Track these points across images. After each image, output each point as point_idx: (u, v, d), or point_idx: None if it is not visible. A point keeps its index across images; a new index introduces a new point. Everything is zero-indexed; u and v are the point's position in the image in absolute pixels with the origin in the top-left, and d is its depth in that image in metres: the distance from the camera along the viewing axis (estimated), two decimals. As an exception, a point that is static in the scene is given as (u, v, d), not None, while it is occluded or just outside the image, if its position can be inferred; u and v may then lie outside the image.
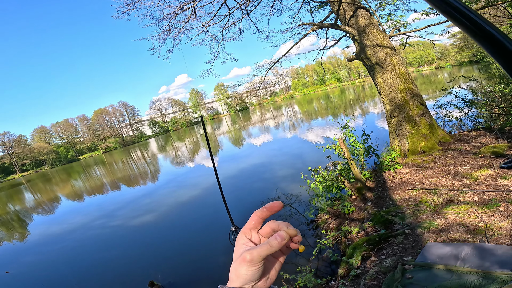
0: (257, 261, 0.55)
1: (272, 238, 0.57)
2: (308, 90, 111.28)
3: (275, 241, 0.56)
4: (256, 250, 0.55)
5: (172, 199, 13.02)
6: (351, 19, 8.27)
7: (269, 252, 0.55)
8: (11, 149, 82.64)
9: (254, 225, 0.62)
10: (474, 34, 0.47)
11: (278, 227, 0.60)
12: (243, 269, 0.55)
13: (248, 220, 0.62)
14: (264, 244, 0.56)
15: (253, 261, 0.54)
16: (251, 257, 0.54)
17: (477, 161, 5.72)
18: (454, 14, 0.48)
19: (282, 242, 0.56)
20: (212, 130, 61.18)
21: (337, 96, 63.26)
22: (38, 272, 8.37)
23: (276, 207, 0.60)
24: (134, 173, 27.17)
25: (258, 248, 0.56)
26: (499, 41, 0.46)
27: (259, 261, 0.55)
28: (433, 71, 72.52)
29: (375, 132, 8.03)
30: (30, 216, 18.68)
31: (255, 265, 0.55)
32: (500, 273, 2.58)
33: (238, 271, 0.55)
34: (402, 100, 7.65)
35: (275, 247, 0.56)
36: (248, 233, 0.61)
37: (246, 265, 0.55)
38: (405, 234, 4.22)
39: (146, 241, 8.85)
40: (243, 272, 0.55)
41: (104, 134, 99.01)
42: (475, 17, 0.46)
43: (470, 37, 0.48)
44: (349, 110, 31.25)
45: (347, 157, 6.22)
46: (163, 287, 5.92)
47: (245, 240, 0.60)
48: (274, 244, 0.56)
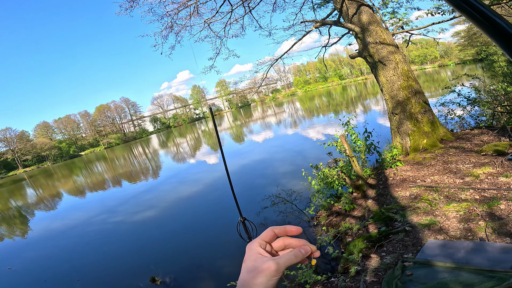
0: (282, 270, 0.58)
1: (296, 250, 0.62)
2: (310, 87, 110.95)
3: (300, 253, 0.61)
4: (282, 260, 0.59)
5: (173, 195, 13.07)
6: (354, 17, 8.23)
7: (293, 263, 0.60)
8: (13, 145, 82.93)
9: (270, 239, 0.66)
10: (485, 27, 0.49)
11: (294, 243, 0.65)
12: (264, 279, 0.56)
13: (263, 232, 0.66)
14: (289, 255, 0.60)
15: (279, 270, 0.57)
16: (278, 267, 0.57)
17: (479, 159, 5.71)
18: (467, 8, 0.49)
19: (305, 254, 0.62)
20: (213, 126, 61.16)
21: (339, 93, 63.07)
22: (40, 268, 8.42)
23: (294, 232, 0.66)
24: (136, 169, 27.27)
25: (283, 258, 0.59)
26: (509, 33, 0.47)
27: (283, 270, 0.58)
28: (436, 69, 72.12)
29: (376, 130, 8.03)
30: (32, 212, 18.79)
31: (279, 274, 0.57)
32: (499, 271, 2.59)
33: (255, 280, 0.56)
34: (404, 98, 7.63)
35: (299, 258, 0.61)
36: (263, 244, 0.65)
37: (270, 274, 0.56)
38: (405, 232, 4.23)
39: (147, 237, 8.90)
40: (263, 281, 0.56)
41: (106, 130, 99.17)
42: (487, 11, 0.48)
43: (481, 30, 0.50)
44: (351, 107, 31.17)
45: (349, 154, 6.23)
46: (164, 282, 5.96)
47: (261, 250, 0.62)
48: (299, 256, 0.61)
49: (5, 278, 8.27)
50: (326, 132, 18.45)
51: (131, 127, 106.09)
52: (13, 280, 8.03)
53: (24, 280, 7.87)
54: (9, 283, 7.92)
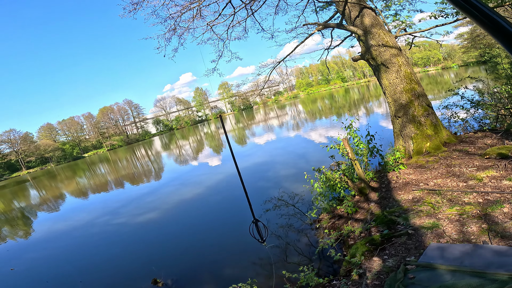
0: None
1: None
2: (313, 90, 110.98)
3: None
4: None
5: (175, 197, 13.10)
6: (356, 19, 8.25)
7: None
8: (17, 146, 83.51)
9: None
10: (490, 28, 0.50)
11: None
12: None
13: None
14: None
15: None
16: None
17: (483, 162, 5.68)
18: (471, 10, 0.51)
19: None
20: (216, 128, 61.30)
21: (342, 96, 63.01)
22: (42, 269, 8.45)
23: None
24: (138, 171, 27.36)
25: None
26: None
27: None
28: (439, 72, 71.90)
29: (379, 133, 8.01)
30: (35, 213, 18.89)
31: None
32: (502, 274, 2.57)
33: None
34: (407, 101, 7.62)
35: None
36: None
37: None
38: (408, 235, 4.21)
39: (150, 239, 8.92)
40: None
41: (109, 131, 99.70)
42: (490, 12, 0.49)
43: (487, 32, 0.51)
44: (353, 110, 31.13)
45: (351, 157, 6.22)
46: (166, 284, 5.96)
47: None
48: None
49: (8, 279, 8.30)
50: (329, 135, 18.42)
51: (134, 129, 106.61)
52: (15, 281, 8.05)
53: (26, 281, 7.89)
54: (12, 284, 7.94)
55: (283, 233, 6.89)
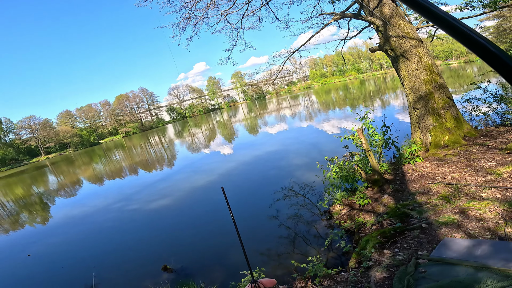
0: None
1: None
2: (327, 81, 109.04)
3: None
4: None
5: (187, 185, 13.29)
6: (375, 10, 7.96)
7: None
8: (37, 132, 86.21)
9: None
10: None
11: None
12: None
13: None
14: None
15: None
16: None
17: (503, 157, 5.47)
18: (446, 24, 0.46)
19: None
20: (228, 117, 61.40)
21: (357, 87, 61.68)
22: (58, 255, 8.66)
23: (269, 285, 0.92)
24: (152, 158, 27.84)
25: None
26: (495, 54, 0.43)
27: None
28: (462, 65, 69.11)
29: (395, 124, 7.81)
30: (53, 198, 19.53)
31: None
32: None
33: None
34: (427, 92, 7.37)
35: None
36: None
37: None
38: (421, 228, 4.13)
39: (161, 226, 9.11)
40: None
41: (125, 119, 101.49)
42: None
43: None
44: (368, 101, 30.45)
45: (365, 148, 6.10)
46: (176, 271, 6.08)
47: None
48: None
49: (25, 264, 8.50)
50: (342, 126, 18.14)
51: (148, 116, 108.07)
52: (32, 267, 8.27)
53: (41, 267, 8.07)
54: (28, 269, 8.15)
55: (293, 224, 6.89)
